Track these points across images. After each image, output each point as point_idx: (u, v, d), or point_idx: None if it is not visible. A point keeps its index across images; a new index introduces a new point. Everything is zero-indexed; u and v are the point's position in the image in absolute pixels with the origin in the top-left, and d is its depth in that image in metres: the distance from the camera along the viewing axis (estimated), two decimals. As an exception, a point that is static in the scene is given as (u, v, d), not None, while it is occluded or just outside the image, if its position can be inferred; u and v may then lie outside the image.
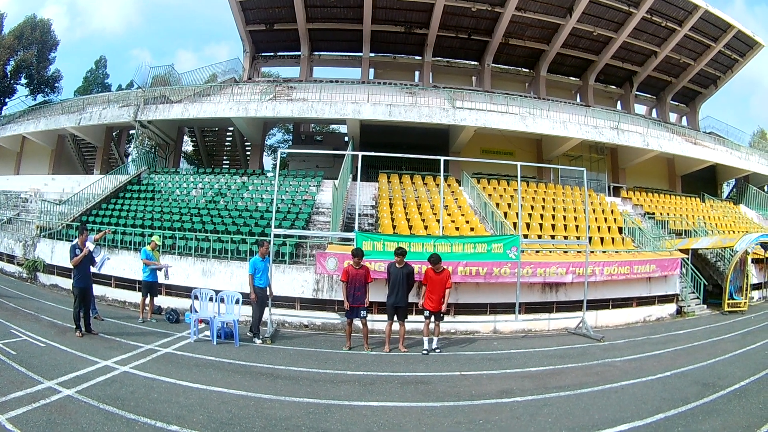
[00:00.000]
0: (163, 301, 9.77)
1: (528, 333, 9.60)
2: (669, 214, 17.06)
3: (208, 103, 18.08)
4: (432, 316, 7.55)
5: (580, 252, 10.78)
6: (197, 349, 6.92)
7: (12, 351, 5.91)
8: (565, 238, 13.17)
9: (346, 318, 7.68)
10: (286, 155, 25.09)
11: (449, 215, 13.07)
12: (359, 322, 7.65)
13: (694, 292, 12.52)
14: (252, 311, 7.90)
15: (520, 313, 9.19)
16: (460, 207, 14.16)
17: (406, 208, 13.54)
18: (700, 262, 14.19)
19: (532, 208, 14.67)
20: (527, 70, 25.67)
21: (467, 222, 12.74)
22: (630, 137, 18.56)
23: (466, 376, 6.18)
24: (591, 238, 12.41)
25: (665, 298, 11.62)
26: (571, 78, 26.18)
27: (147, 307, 8.99)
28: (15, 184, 18.54)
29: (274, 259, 9.00)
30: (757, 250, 13.90)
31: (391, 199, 14.16)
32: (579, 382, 5.82)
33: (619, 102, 27.32)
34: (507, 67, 25.47)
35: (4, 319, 7.66)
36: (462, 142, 18.05)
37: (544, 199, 15.81)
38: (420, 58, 24.28)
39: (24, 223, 14.32)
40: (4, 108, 28.27)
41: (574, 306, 9.88)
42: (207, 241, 10.61)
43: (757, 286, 14.29)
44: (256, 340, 7.65)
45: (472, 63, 25.23)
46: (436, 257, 7.53)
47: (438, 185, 14.82)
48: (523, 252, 9.40)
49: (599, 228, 14.23)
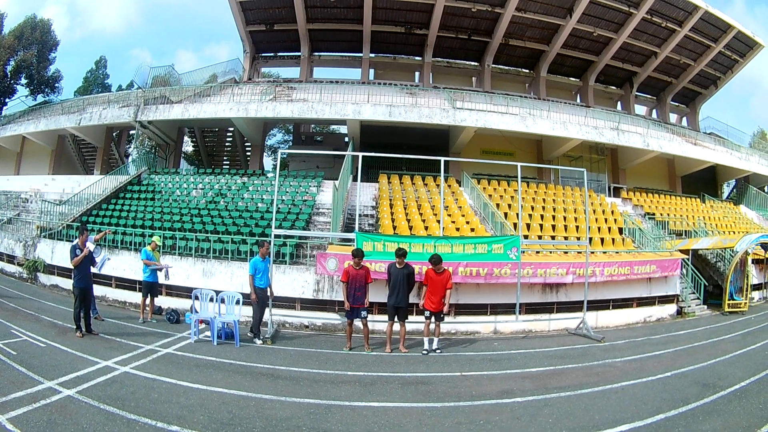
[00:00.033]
0: (163, 301, 9.77)
1: (528, 333, 9.60)
2: (669, 215, 17.06)
3: (208, 103, 18.09)
4: (432, 317, 7.56)
5: (581, 253, 10.80)
6: (198, 350, 6.92)
7: (12, 351, 5.92)
8: (566, 238, 13.18)
9: (347, 318, 7.69)
10: (286, 156, 25.12)
11: (449, 216, 13.07)
12: (360, 323, 7.66)
13: (694, 293, 12.53)
14: (252, 312, 7.90)
15: (520, 313, 9.20)
16: (461, 207, 14.16)
17: (406, 209, 13.54)
18: (701, 262, 14.21)
19: (533, 208, 14.67)
20: (527, 71, 25.68)
21: (467, 222, 12.75)
22: (630, 138, 18.57)
23: (466, 376, 6.18)
24: (591, 239, 12.43)
25: (665, 299, 11.63)
26: (571, 78, 26.19)
27: (147, 308, 8.99)
28: (15, 185, 18.54)
29: (274, 259, 9.00)
30: (758, 251, 13.90)
31: (391, 199, 14.16)
32: (579, 383, 5.82)
33: (619, 102, 27.33)
34: (507, 67, 25.48)
35: (5, 320, 7.67)
36: (462, 142, 18.06)
37: (545, 199, 15.82)
38: (420, 58, 24.29)
39: (24, 224, 14.32)
40: (5, 108, 28.29)
41: (575, 306, 9.89)
42: (207, 242, 10.62)
43: (757, 287, 14.29)
44: (256, 340, 7.66)
45: (472, 64, 25.24)
46: (437, 258, 7.52)
47: (438, 186, 14.82)
48: (523, 252, 9.40)
49: (599, 229, 14.24)
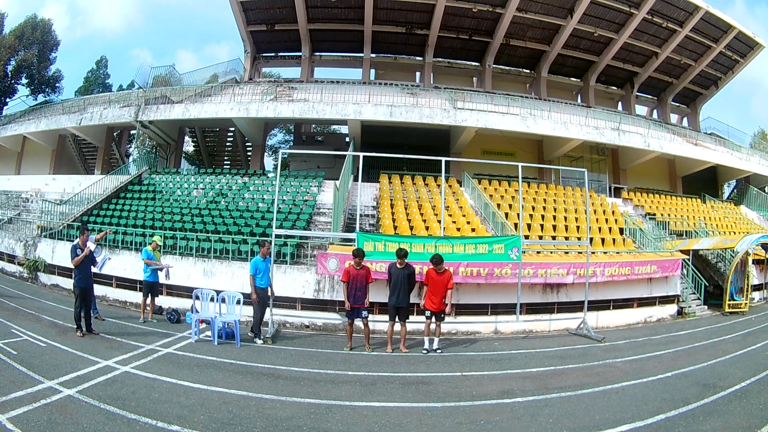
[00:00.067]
0: (164, 301, 9.77)
1: (529, 334, 9.59)
2: (670, 215, 17.06)
3: (209, 103, 18.09)
4: (433, 317, 7.56)
5: (581, 253, 10.80)
6: (198, 350, 6.92)
7: (13, 351, 5.91)
8: (566, 239, 13.18)
9: (347, 318, 7.69)
10: (287, 156, 25.15)
11: (450, 216, 13.07)
12: (360, 323, 7.66)
13: (694, 293, 12.52)
14: (253, 311, 7.90)
15: (521, 313, 9.19)
16: (461, 208, 14.16)
17: (407, 209, 13.54)
18: (701, 263, 14.20)
19: (533, 208, 14.67)
20: (528, 71, 25.68)
21: (468, 223, 12.75)
22: (631, 138, 18.56)
23: (467, 376, 6.18)
24: (592, 239, 12.42)
25: (666, 299, 11.62)
26: (572, 79, 26.18)
27: (148, 307, 8.99)
28: (16, 184, 18.54)
29: (275, 259, 9.02)
30: (758, 251, 13.88)
31: (392, 199, 14.16)
32: (580, 383, 5.82)
33: (620, 103, 27.32)
34: (508, 67, 25.47)
35: (5, 319, 7.67)
36: (463, 142, 18.06)
37: (545, 199, 15.82)
38: (421, 58, 24.28)
39: (25, 223, 14.33)
40: (5, 108, 28.29)
41: (575, 307, 9.89)
42: (208, 242, 10.62)
43: (757, 287, 14.28)
44: (257, 340, 7.66)
45: (473, 64, 25.24)
46: (439, 258, 7.52)
47: (439, 186, 14.81)
48: (524, 253, 9.39)
49: (600, 229, 14.24)
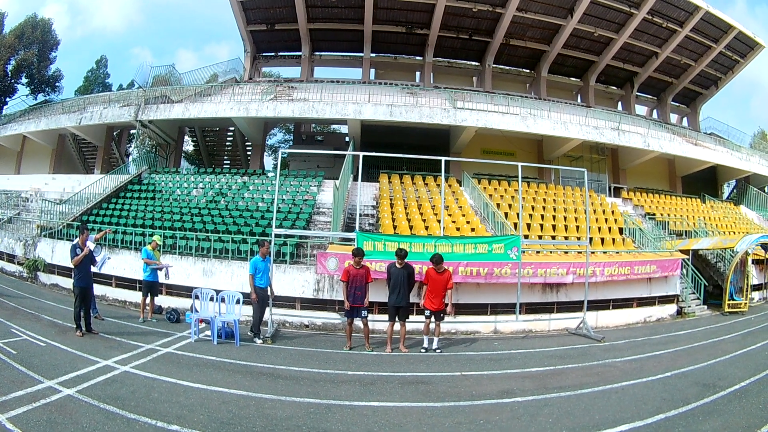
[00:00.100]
0: (163, 300, 9.77)
1: (528, 333, 9.60)
2: (669, 215, 17.06)
3: (209, 103, 18.08)
4: (432, 316, 7.57)
5: (581, 253, 10.80)
6: (198, 349, 6.92)
7: (12, 350, 5.91)
8: (566, 238, 13.18)
9: (347, 318, 7.68)
10: (287, 155, 25.12)
11: (450, 215, 13.07)
12: (360, 322, 7.66)
13: (694, 293, 12.53)
14: (252, 311, 7.90)
15: (520, 313, 9.20)
16: (461, 207, 14.16)
17: (406, 209, 13.54)
18: (701, 262, 14.21)
19: (533, 208, 14.67)
20: (528, 71, 25.66)
21: (468, 222, 12.75)
22: (631, 138, 18.56)
23: (466, 376, 6.18)
24: (591, 239, 12.43)
25: (666, 299, 11.63)
26: (572, 79, 26.16)
27: (147, 307, 8.99)
28: (15, 184, 18.53)
29: (274, 259, 9.00)
30: (758, 251, 13.89)
31: (391, 199, 14.16)
32: (579, 383, 5.82)
33: (619, 103, 27.31)
34: (508, 67, 25.45)
35: (5, 319, 7.66)
36: (463, 142, 18.05)
37: (545, 199, 15.82)
38: (421, 58, 24.26)
39: (24, 223, 14.32)
40: (5, 107, 28.27)
41: (575, 306, 9.89)
42: (208, 241, 10.62)
43: (757, 287, 14.29)
44: (256, 339, 7.66)
45: (473, 63, 25.22)
46: (439, 257, 7.53)
47: (439, 185, 14.80)
48: (523, 252, 9.39)
49: (600, 229, 14.24)
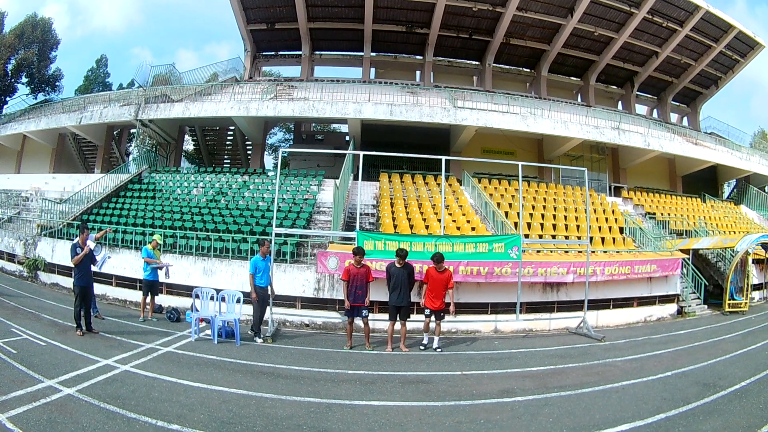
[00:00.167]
0: (163, 300, 9.77)
1: (529, 333, 9.59)
2: (670, 215, 17.06)
3: (209, 102, 18.08)
4: (432, 315, 7.57)
5: (581, 252, 10.78)
6: (198, 348, 6.91)
7: (12, 350, 5.91)
8: (566, 238, 13.17)
9: (347, 317, 7.68)
10: (287, 154, 25.12)
11: (450, 215, 13.06)
12: (360, 321, 7.66)
13: (694, 293, 12.53)
14: (253, 310, 7.89)
15: (521, 312, 9.19)
16: (461, 206, 14.16)
17: (407, 208, 13.53)
18: (701, 262, 14.20)
19: (533, 207, 14.67)
20: (528, 70, 25.64)
21: (468, 221, 12.75)
22: (631, 137, 18.55)
23: (467, 375, 6.18)
24: (592, 238, 12.42)
25: (666, 298, 11.62)
26: (572, 78, 26.15)
27: (148, 306, 8.99)
28: (16, 183, 18.54)
29: (275, 258, 9.00)
30: (758, 251, 13.89)
31: (392, 198, 14.16)
32: (580, 382, 5.82)
33: (620, 102, 27.30)
34: (508, 67, 25.44)
35: (5, 318, 7.66)
36: (463, 141, 18.04)
37: (545, 199, 15.81)
38: (421, 57, 24.25)
39: (25, 222, 14.33)
40: (5, 107, 28.27)
41: (575, 306, 9.89)
42: (208, 240, 10.62)
43: (757, 287, 14.28)
44: (257, 339, 7.66)
45: (474, 63, 25.20)
46: (440, 256, 7.53)
47: (439, 185, 14.81)
48: (524, 252, 9.39)
49: (600, 228, 14.23)
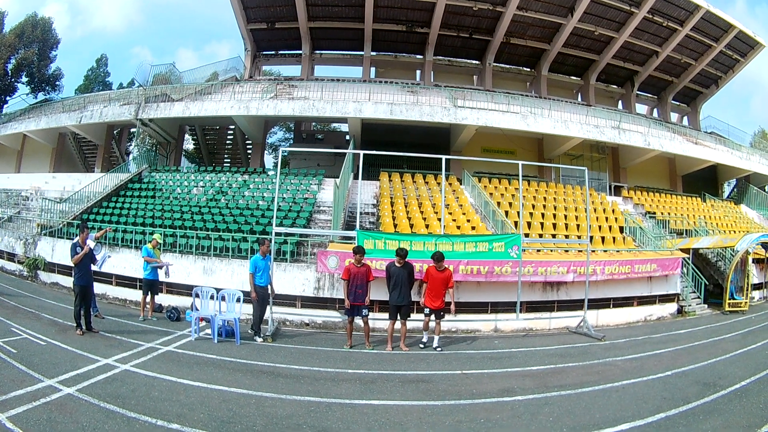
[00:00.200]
0: (163, 299, 9.77)
1: (529, 332, 9.59)
2: (670, 214, 17.05)
3: (209, 101, 18.06)
4: (432, 314, 7.57)
5: (581, 251, 10.79)
6: (198, 348, 6.91)
7: (12, 349, 5.91)
8: (566, 237, 13.17)
9: (347, 316, 7.68)
10: (287, 153, 25.12)
11: (450, 214, 13.06)
12: (360, 321, 7.66)
13: (694, 292, 12.52)
14: (253, 309, 7.89)
15: (521, 311, 9.20)
16: (462, 206, 14.15)
17: (407, 207, 13.52)
18: (701, 261, 14.20)
19: (533, 207, 14.65)
20: (528, 70, 25.63)
21: (468, 221, 12.74)
22: (631, 137, 18.54)
23: (467, 374, 6.18)
24: (592, 238, 12.41)
25: (666, 298, 11.62)
26: (573, 77, 26.15)
27: (148, 305, 8.98)
28: (16, 182, 18.53)
29: (275, 257, 9.00)
30: (758, 250, 13.89)
31: (392, 197, 14.14)
32: (580, 381, 5.81)
33: (620, 101, 27.29)
34: (508, 66, 25.43)
35: (5, 317, 7.66)
36: (463, 141, 18.03)
37: (545, 198, 15.80)
38: (421, 57, 24.24)
39: (25, 221, 14.32)
40: (5, 106, 28.28)
41: (575, 305, 9.89)
42: (208, 240, 10.62)
43: (757, 286, 14.29)
44: (257, 338, 7.66)
45: (474, 62, 25.18)
46: (440, 255, 7.53)
47: (439, 184, 14.80)
48: (524, 251, 9.38)
49: (600, 227, 14.22)
